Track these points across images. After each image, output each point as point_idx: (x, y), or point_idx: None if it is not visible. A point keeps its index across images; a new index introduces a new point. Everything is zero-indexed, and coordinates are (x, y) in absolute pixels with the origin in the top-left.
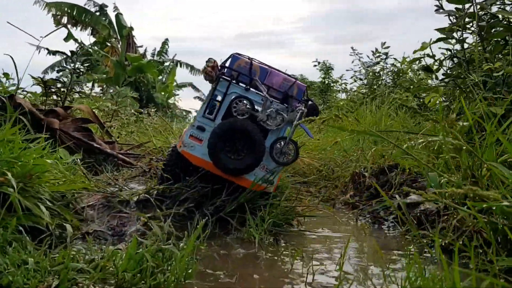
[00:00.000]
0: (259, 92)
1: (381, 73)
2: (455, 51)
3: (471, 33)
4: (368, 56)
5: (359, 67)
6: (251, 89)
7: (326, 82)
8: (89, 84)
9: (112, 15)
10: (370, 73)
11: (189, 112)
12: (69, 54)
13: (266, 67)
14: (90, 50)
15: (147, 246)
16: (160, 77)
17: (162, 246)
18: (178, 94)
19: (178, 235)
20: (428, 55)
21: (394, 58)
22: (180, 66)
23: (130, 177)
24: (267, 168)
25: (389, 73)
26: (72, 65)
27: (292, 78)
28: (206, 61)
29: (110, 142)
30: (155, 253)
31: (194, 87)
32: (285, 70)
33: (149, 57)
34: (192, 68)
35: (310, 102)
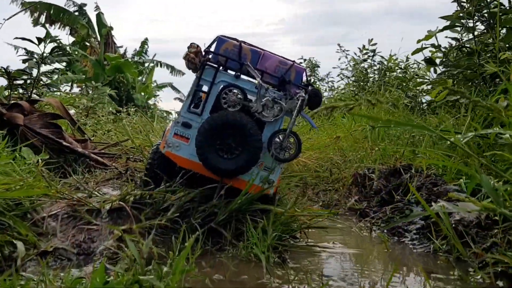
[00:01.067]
0: (252, 79)
1: (369, 70)
2: (457, 42)
3: (476, 22)
4: (355, 53)
5: (346, 65)
6: (242, 76)
7: (312, 80)
8: (68, 84)
9: (93, 14)
10: (358, 70)
11: (170, 113)
12: (36, 42)
13: (258, 49)
14: (67, 47)
15: (120, 274)
16: (140, 78)
17: (139, 275)
18: (158, 95)
19: (161, 253)
20: (433, 45)
21: (381, 56)
22: (161, 67)
23: (104, 180)
24: (265, 166)
25: (377, 70)
26: (39, 54)
27: (288, 60)
28: (188, 47)
29: (82, 140)
30: (130, 286)
31: (174, 88)
32: None
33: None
34: (172, 69)
35: (310, 88)
